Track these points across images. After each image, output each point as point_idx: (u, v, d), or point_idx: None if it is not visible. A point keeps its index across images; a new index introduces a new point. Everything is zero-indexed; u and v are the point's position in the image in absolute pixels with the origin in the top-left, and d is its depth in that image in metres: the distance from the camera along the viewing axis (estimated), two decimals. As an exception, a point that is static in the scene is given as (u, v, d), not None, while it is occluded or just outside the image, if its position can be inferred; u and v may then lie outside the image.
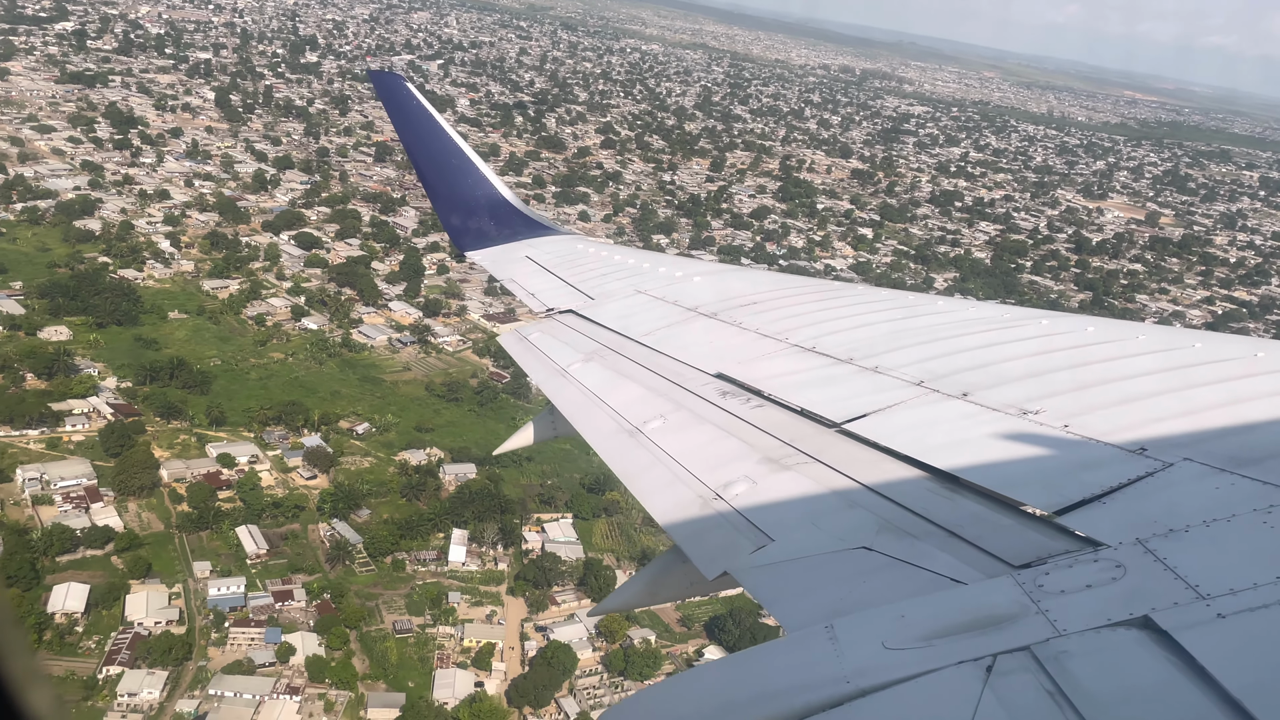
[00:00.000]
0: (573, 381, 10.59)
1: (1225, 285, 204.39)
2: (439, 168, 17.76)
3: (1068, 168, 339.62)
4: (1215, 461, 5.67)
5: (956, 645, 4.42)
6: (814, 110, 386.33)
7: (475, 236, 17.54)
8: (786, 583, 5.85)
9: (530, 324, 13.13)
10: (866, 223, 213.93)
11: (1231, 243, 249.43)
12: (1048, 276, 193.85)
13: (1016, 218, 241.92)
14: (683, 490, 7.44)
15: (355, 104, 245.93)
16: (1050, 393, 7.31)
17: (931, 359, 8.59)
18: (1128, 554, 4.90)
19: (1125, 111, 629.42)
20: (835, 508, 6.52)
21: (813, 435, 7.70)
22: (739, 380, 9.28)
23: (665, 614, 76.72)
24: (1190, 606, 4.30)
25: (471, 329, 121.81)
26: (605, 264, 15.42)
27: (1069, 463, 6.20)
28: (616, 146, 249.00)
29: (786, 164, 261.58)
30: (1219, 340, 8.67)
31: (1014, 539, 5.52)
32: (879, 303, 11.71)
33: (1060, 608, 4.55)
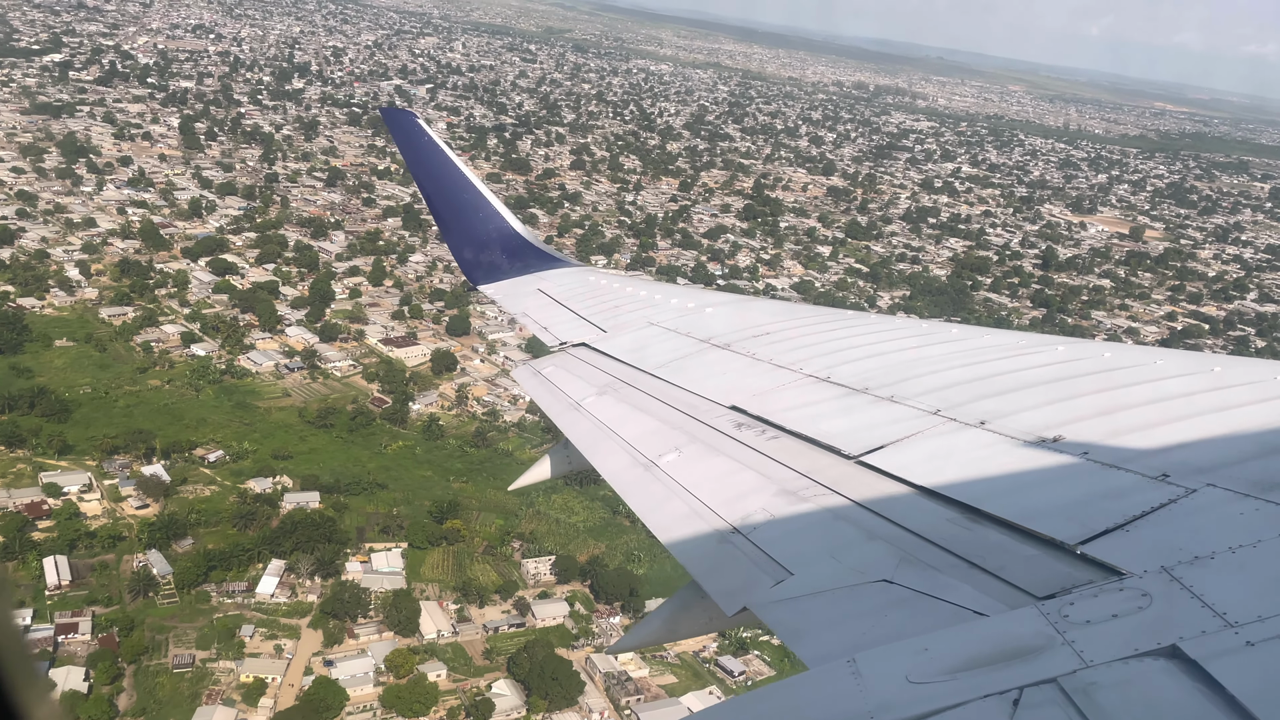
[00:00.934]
0: (586, 415, 10.61)
1: (1194, 300, 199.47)
2: (450, 202, 17.90)
3: (1065, 182, 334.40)
4: (1239, 487, 5.61)
5: (982, 678, 4.38)
6: (810, 128, 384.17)
7: (487, 270, 17.60)
8: (807, 617, 5.83)
9: (543, 358, 13.22)
10: (829, 240, 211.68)
11: (1217, 256, 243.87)
12: (1005, 293, 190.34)
13: (991, 234, 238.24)
14: (699, 524, 7.41)
15: (325, 129, 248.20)
16: (1069, 420, 7.24)
17: (947, 387, 8.56)
18: (1153, 582, 4.86)
19: (1149, 123, 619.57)
20: (854, 540, 6.47)
21: (830, 467, 7.65)
22: (754, 412, 9.23)
23: (472, 646, 75.37)
24: (1219, 635, 4.26)
25: (367, 353, 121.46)
26: (617, 296, 15.47)
27: (1090, 491, 6.13)
28: (586, 167, 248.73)
29: (761, 182, 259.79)
30: (1239, 364, 8.50)
31: (1037, 569, 5.46)
32: (893, 331, 11.69)
33: (1086, 638, 4.51)
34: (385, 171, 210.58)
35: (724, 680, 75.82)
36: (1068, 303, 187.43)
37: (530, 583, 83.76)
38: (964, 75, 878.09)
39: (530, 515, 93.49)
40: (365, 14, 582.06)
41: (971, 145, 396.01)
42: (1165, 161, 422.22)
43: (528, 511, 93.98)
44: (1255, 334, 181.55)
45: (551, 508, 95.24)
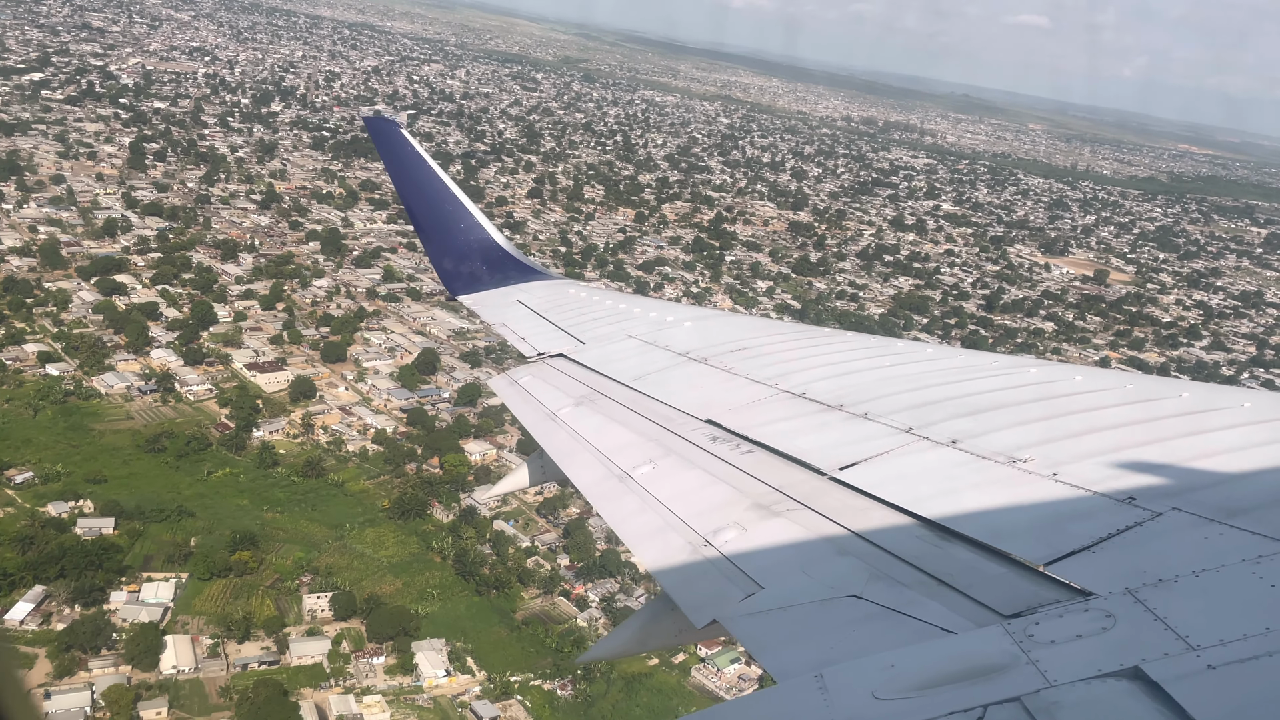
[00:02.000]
0: (562, 426, 10.67)
1: (1137, 346, 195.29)
2: (432, 212, 17.99)
3: (1048, 222, 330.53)
4: (1204, 511, 5.71)
5: (947, 695, 4.42)
6: (799, 162, 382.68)
7: (467, 280, 17.69)
8: (776, 631, 5.88)
9: (521, 368, 13.29)
10: (772, 276, 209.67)
11: (1180, 302, 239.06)
12: (937, 333, 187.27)
13: (945, 273, 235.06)
14: (672, 536, 7.48)
15: (285, 152, 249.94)
16: (1039, 441, 7.36)
17: (921, 406, 8.68)
18: (1118, 604, 4.93)
19: (1164, 165, 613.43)
20: (825, 555, 6.54)
21: (803, 482, 7.74)
22: (729, 426, 9.34)
23: (212, 684, 73.79)
24: (1181, 657, 4.33)
25: (230, 378, 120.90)
26: (596, 308, 15.51)
27: (1058, 512, 6.20)
28: (543, 196, 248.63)
29: (721, 215, 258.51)
30: (1207, 390, 8.71)
31: (1004, 588, 5.53)
32: (869, 349, 11.76)
33: (1051, 658, 4.57)
34: (327, 196, 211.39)
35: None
36: (997, 346, 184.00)
37: (306, 619, 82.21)
38: (984, 113, 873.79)
39: (335, 549, 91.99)
40: (377, 40, 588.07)
41: (963, 183, 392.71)
42: (1165, 204, 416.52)
43: (334, 545, 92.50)
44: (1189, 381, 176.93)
45: (361, 541, 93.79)
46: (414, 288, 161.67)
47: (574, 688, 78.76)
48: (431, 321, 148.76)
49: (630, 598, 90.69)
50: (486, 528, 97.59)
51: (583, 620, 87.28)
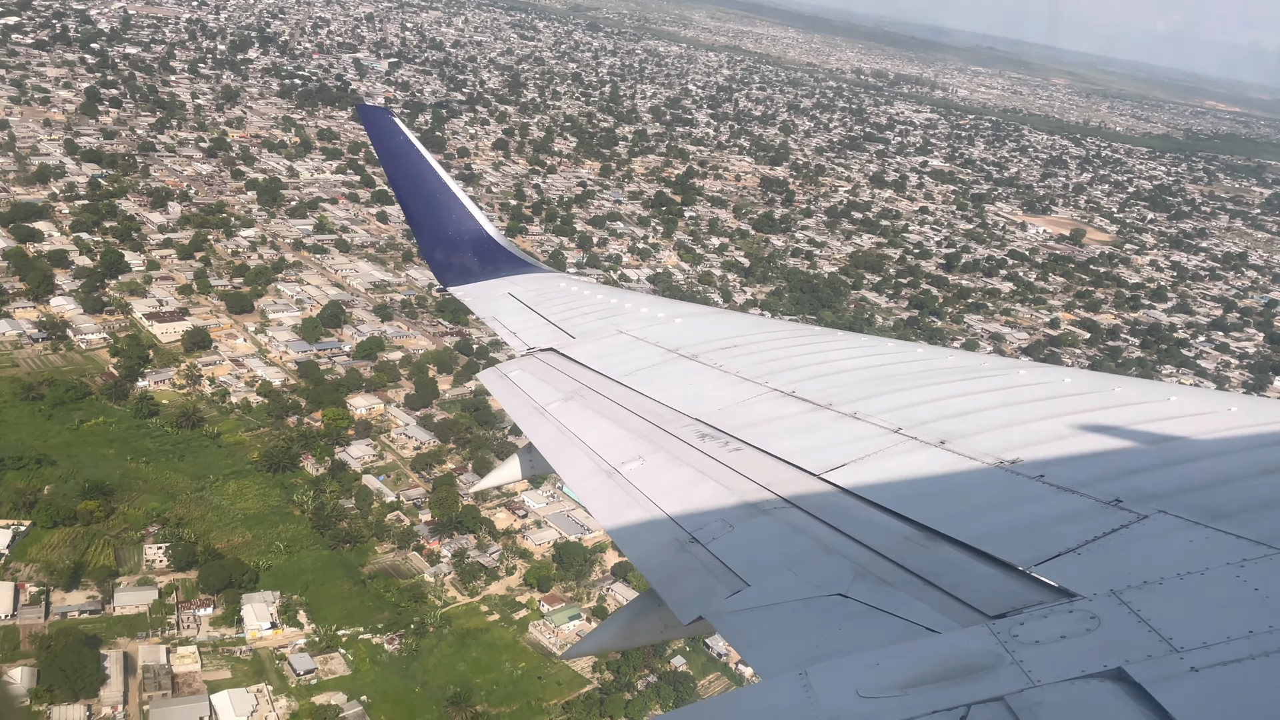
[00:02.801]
0: (551, 420, 10.84)
1: (1094, 307, 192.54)
2: (423, 203, 18.11)
3: (1039, 180, 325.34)
4: (1190, 514, 5.77)
5: (931, 694, 4.46)
6: (793, 116, 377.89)
7: (458, 272, 17.90)
8: (762, 628, 5.96)
9: (510, 361, 13.38)
10: (730, 232, 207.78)
11: (1154, 263, 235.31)
12: (887, 292, 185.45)
13: (914, 231, 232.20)
14: (659, 532, 7.59)
15: (250, 100, 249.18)
16: (1027, 443, 7.43)
17: (909, 406, 8.76)
18: (1102, 605, 4.97)
19: (1184, 122, 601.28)
20: (812, 554, 6.61)
21: (791, 481, 7.83)
22: (718, 424, 9.41)
23: (28, 631, 74.78)
24: (1164, 659, 4.38)
25: (129, 327, 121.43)
26: (587, 303, 15.66)
27: (1045, 514, 6.27)
28: (508, 148, 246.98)
29: (692, 170, 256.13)
30: (1194, 394, 8.81)
31: (989, 588, 5.59)
32: (859, 349, 11.92)
33: (1034, 658, 4.62)
34: (280, 145, 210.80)
35: (287, 678, 74.46)
36: (949, 305, 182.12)
37: (144, 569, 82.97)
38: (1005, 66, 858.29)
39: (192, 500, 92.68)
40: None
41: (960, 139, 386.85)
42: (1172, 163, 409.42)
43: (192, 496, 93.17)
44: (1139, 345, 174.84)
45: (222, 493, 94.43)
46: (344, 239, 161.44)
47: (401, 642, 79.29)
48: (354, 274, 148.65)
49: (484, 554, 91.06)
50: (355, 482, 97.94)
51: (429, 575, 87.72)
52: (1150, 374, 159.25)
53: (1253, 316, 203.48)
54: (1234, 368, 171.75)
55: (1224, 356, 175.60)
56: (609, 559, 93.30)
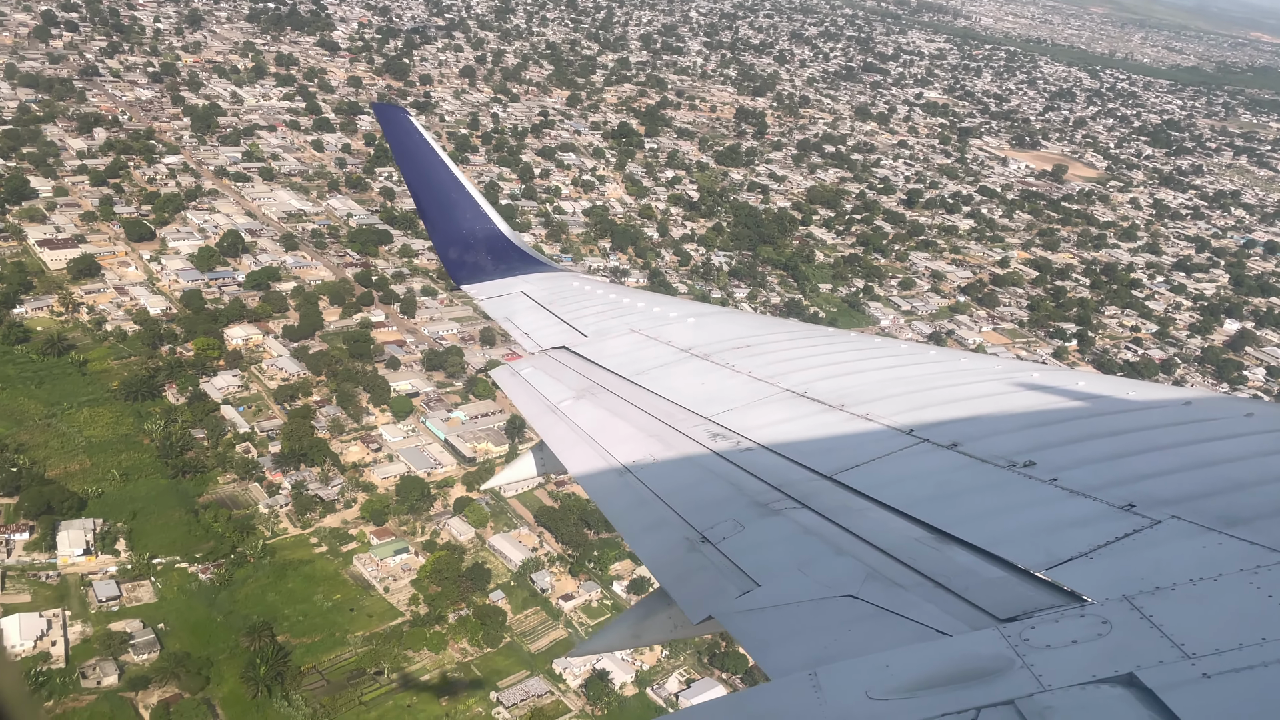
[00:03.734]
0: (563, 419, 10.90)
1: (1053, 246, 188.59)
2: (437, 201, 18.38)
3: (1040, 113, 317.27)
4: (1203, 520, 5.76)
5: (940, 697, 4.50)
6: (792, 45, 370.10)
7: (471, 270, 18.13)
8: (772, 629, 6.01)
9: (523, 359, 13.58)
10: (688, 165, 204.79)
11: (1134, 201, 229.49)
12: (837, 228, 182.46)
13: (886, 165, 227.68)
14: (669, 532, 7.65)
15: (215, 24, 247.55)
16: (1040, 446, 7.44)
17: (922, 408, 8.79)
18: (1114, 610, 4.99)
19: (1219, 54, 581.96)
20: (823, 555, 6.66)
21: (802, 481, 7.87)
22: (730, 424, 9.47)
23: None
24: (1175, 665, 4.38)
25: (20, 254, 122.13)
26: (600, 302, 15.84)
27: (1057, 518, 6.30)
28: (474, 76, 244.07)
29: (666, 100, 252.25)
30: (1209, 398, 8.92)
31: (1001, 592, 5.62)
32: (872, 350, 12.06)
33: (1045, 662, 4.65)
34: (231, 70, 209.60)
35: (89, 604, 75.54)
36: (896, 242, 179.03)
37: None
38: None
39: (39, 427, 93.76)
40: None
41: (968, 70, 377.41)
42: (1192, 96, 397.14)
43: (39, 422, 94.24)
44: (1088, 286, 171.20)
45: (73, 421, 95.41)
46: (271, 168, 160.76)
47: (215, 572, 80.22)
48: (271, 203, 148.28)
49: (327, 486, 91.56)
50: (213, 413, 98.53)
51: (265, 507, 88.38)
52: (1091, 314, 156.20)
53: (1225, 257, 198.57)
54: (1185, 309, 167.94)
55: (1178, 298, 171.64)
56: (453, 494, 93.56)
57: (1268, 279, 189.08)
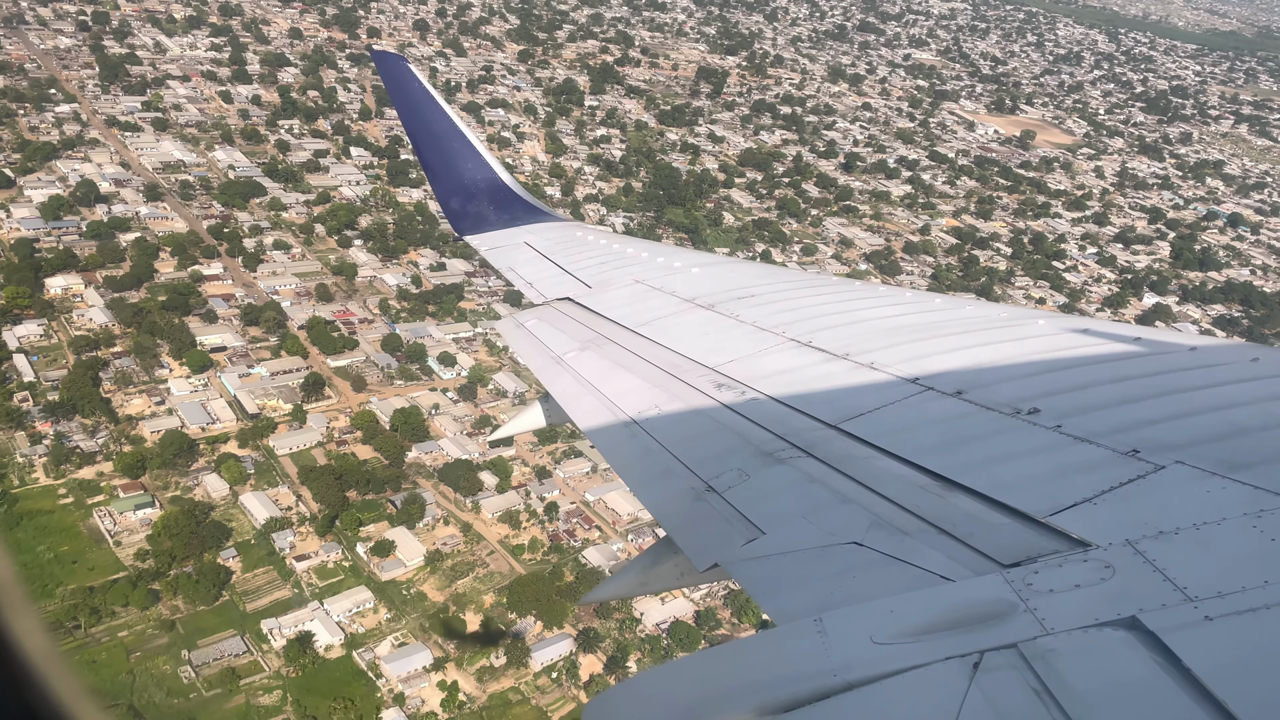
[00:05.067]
0: (568, 369, 11.10)
1: (986, 214, 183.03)
2: (439, 150, 18.49)
3: (1036, 76, 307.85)
4: (1207, 465, 5.87)
5: (944, 641, 4.62)
6: (791, 1, 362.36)
7: (474, 220, 18.24)
8: (777, 576, 6.15)
9: (527, 311, 13.80)
10: (624, 125, 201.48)
11: (1098, 170, 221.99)
12: (760, 191, 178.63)
13: (841, 128, 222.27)
14: (675, 482, 7.84)
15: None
16: (1044, 393, 7.55)
17: (926, 356, 8.91)
18: (1117, 555, 5.09)
19: (1265, 19, 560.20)
20: (827, 503, 6.80)
21: (807, 430, 8.01)
22: (735, 374, 9.61)
23: None
24: (1178, 608, 4.49)
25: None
26: (604, 252, 16.03)
27: (1062, 464, 6.42)
28: (427, 29, 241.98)
29: (626, 56, 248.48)
30: (1214, 344, 9.07)
31: (1004, 537, 5.73)
32: (876, 298, 12.18)
33: (1048, 606, 4.76)
34: (167, 19, 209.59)
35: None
36: (814, 206, 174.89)
37: None
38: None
39: None
40: None
41: (974, 33, 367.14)
42: (1216, 61, 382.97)
43: None
44: (1008, 255, 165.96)
45: None
46: (164, 118, 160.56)
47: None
48: (153, 153, 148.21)
49: (92, 438, 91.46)
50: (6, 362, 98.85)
51: (21, 456, 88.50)
52: (997, 284, 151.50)
53: (1178, 229, 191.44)
54: (1106, 282, 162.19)
55: (1103, 270, 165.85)
56: (224, 449, 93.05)
57: (1216, 251, 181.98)
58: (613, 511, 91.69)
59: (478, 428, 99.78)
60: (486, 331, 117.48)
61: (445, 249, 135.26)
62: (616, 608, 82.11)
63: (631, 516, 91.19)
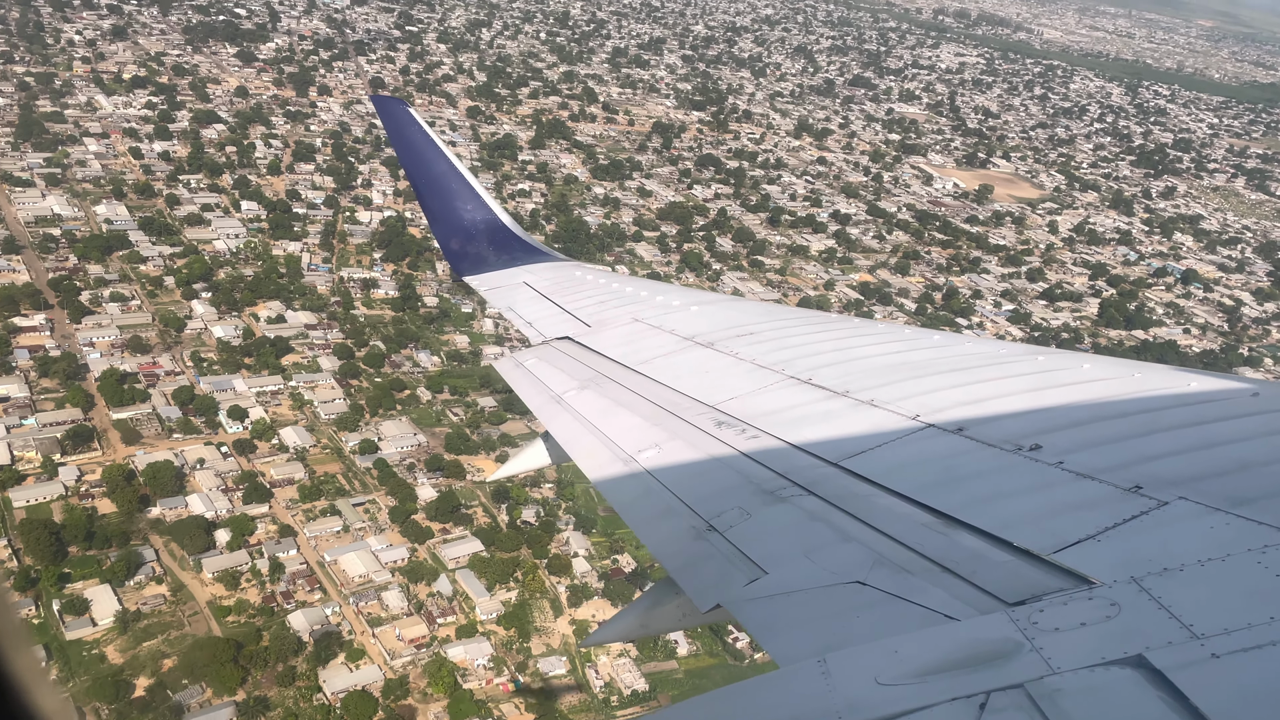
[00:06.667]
0: (568, 408, 11.14)
1: (904, 269, 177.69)
2: (439, 192, 18.90)
3: (1022, 130, 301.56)
4: (1210, 501, 5.85)
5: (950, 682, 4.58)
6: (790, 57, 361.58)
7: (473, 261, 18.56)
8: (780, 616, 6.12)
9: (527, 350, 13.95)
10: (556, 179, 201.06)
11: (1051, 225, 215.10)
12: (668, 245, 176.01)
13: (787, 182, 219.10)
14: (676, 521, 7.82)
15: (141, 33, 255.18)
16: (1046, 429, 7.60)
17: (927, 393, 8.95)
18: (1122, 592, 5.08)
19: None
20: (829, 541, 6.79)
21: (808, 468, 8.02)
22: (735, 411, 9.65)
23: None
24: (1184, 646, 4.45)
25: None
26: (603, 291, 16.23)
27: (1065, 501, 6.41)
28: (381, 85, 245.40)
29: (584, 112, 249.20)
30: (1215, 380, 9.12)
31: (1008, 575, 5.72)
32: (875, 335, 12.34)
33: (1054, 645, 4.72)
34: (115, 79, 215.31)
35: None
36: (719, 261, 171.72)
37: None
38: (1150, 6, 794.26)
39: None
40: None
41: (979, 85, 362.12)
42: (1240, 114, 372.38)
43: None
44: (911, 311, 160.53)
45: None
46: (56, 174, 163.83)
47: None
48: (33, 207, 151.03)
49: None
50: None
51: None
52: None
53: (1120, 285, 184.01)
54: (1010, 339, 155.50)
55: (1010, 326, 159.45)
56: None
57: (1151, 309, 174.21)
58: (343, 573, 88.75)
59: (238, 483, 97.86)
60: (298, 385, 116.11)
61: (295, 301, 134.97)
62: (302, 674, 79.06)
63: (363, 578, 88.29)
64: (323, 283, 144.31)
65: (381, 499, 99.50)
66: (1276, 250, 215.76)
